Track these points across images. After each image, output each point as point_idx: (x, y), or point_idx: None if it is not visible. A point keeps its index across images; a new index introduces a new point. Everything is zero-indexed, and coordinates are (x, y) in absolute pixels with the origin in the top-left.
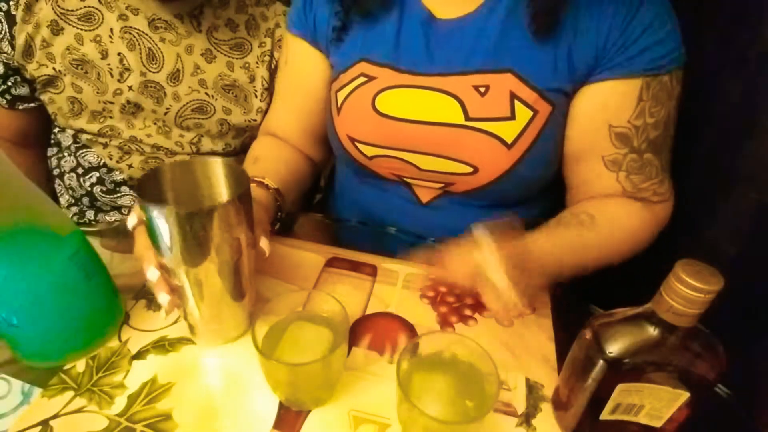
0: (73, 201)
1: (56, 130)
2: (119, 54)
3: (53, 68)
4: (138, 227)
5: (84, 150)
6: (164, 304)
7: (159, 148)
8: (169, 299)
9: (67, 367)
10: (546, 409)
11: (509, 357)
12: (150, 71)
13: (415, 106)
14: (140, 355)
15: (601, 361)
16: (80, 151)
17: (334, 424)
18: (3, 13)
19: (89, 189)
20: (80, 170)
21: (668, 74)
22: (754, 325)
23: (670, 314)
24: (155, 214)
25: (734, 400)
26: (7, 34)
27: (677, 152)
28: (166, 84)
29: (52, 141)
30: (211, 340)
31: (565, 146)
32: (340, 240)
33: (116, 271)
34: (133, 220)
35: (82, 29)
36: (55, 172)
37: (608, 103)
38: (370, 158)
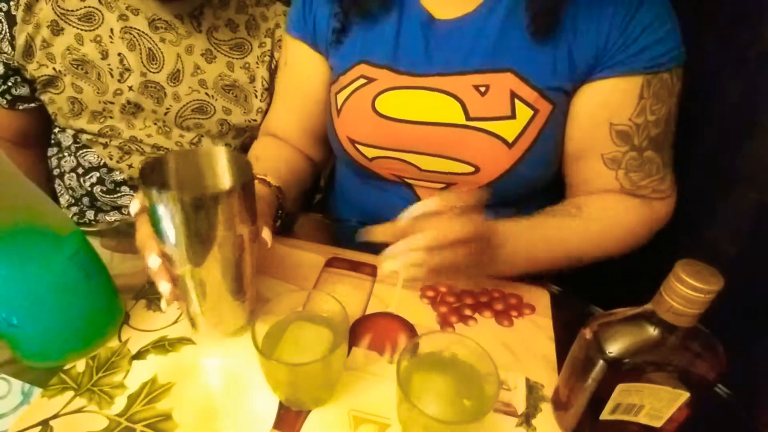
0: (73, 201)
1: (56, 130)
2: (119, 54)
3: (53, 68)
4: (140, 216)
5: (84, 150)
6: (165, 293)
7: (159, 148)
8: (170, 288)
9: (67, 367)
10: (546, 409)
11: (509, 357)
12: (150, 71)
13: (415, 107)
14: (140, 355)
15: (601, 361)
16: (80, 151)
17: (334, 424)
18: (3, 14)
19: (89, 189)
20: (80, 170)
21: (669, 72)
22: (754, 325)
23: (670, 314)
24: (158, 200)
25: (734, 400)
26: (8, 34)
27: (677, 152)
28: (167, 84)
29: (52, 141)
30: (211, 334)
31: (565, 145)
32: (340, 240)
33: (116, 271)
34: (135, 206)
35: (82, 29)
36: (55, 172)
37: (609, 101)
38: (371, 160)
